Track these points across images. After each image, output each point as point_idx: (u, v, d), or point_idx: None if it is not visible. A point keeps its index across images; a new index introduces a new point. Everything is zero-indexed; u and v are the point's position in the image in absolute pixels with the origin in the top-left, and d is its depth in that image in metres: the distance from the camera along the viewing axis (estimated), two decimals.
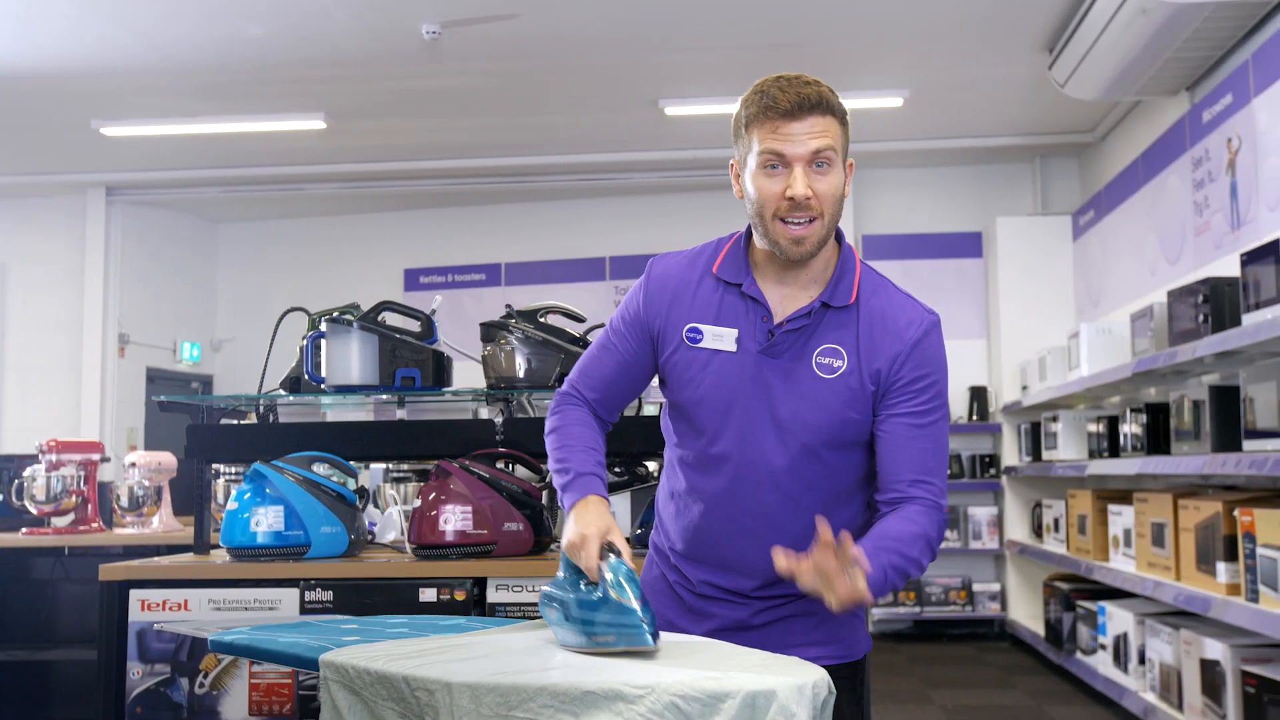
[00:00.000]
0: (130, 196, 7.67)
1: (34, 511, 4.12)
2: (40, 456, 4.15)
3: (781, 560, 1.42)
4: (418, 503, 2.65)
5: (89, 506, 4.21)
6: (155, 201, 7.86)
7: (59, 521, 4.18)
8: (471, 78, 5.71)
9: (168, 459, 4.30)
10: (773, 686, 1.27)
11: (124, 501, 4.20)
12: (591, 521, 1.53)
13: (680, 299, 1.63)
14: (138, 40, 5.14)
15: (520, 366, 2.74)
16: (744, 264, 1.62)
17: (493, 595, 2.54)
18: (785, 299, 1.60)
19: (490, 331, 2.74)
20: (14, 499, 4.14)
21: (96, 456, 4.28)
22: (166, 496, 4.30)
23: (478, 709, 1.38)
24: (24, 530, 4.15)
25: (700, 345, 1.61)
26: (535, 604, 2.51)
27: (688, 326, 1.62)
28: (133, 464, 4.28)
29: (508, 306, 2.75)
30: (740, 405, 1.59)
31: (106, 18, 4.90)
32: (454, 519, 2.61)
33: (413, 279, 7.95)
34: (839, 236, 1.64)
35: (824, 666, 1.42)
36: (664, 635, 1.61)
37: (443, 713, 1.41)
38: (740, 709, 1.26)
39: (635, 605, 1.45)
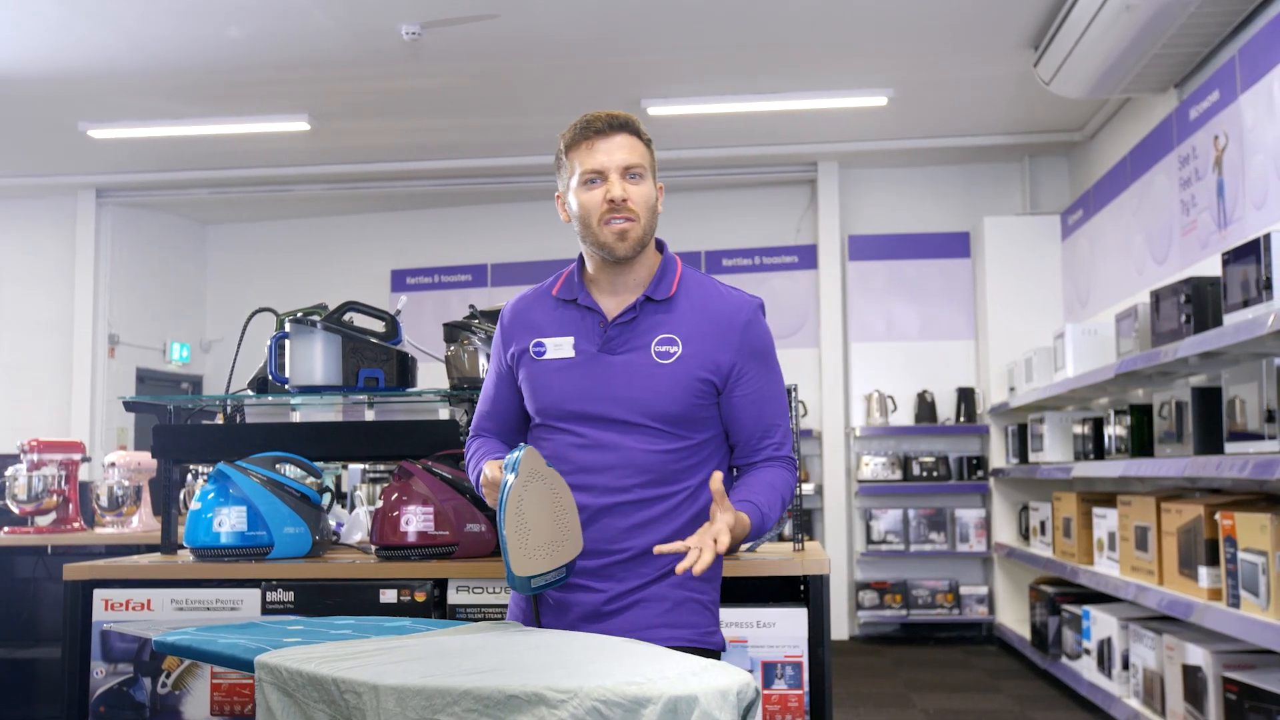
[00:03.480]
0: (120, 198, 7.68)
1: (16, 511, 4.12)
2: (22, 456, 4.15)
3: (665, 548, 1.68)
4: (379, 503, 2.64)
5: (70, 506, 4.20)
6: (144, 203, 7.87)
7: (41, 521, 4.17)
8: (453, 78, 5.70)
9: (147, 459, 4.29)
10: (695, 692, 1.27)
11: (103, 501, 4.20)
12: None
13: (527, 325, 1.89)
14: (120, 41, 5.14)
15: (483, 367, 2.72)
16: (578, 282, 1.87)
17: (453, 597, 2.53)
18: (617, 304, 1.85)
19: (453, 332, 2.73)
20: None
21: (77, 456, 4.28)
22: (146, 496, 4.29)
23: (403, 711, 1.39)
24: (6, 529, 4.14)
25: (545, 357, 1.86)
26: (497, 605, 2.50)
27: (533, 342, 1.87)
28: (112, 464, 4.27)
29: (471, 307, 2.75)
30: (589, 399, 1.81)
31: (88, 19, 4.89)
32: (415, 520, 2.60)
33: (399, 280, 7.95)
34: (661, 246, 1.89)
35: (677, 648, 1.69)
36: (596, 636, 1.65)
37: (369, 715, 1.42)
38: (662, 714, 1.26)
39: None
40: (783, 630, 2.44)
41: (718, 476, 1.67)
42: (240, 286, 8.15)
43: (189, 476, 3.83)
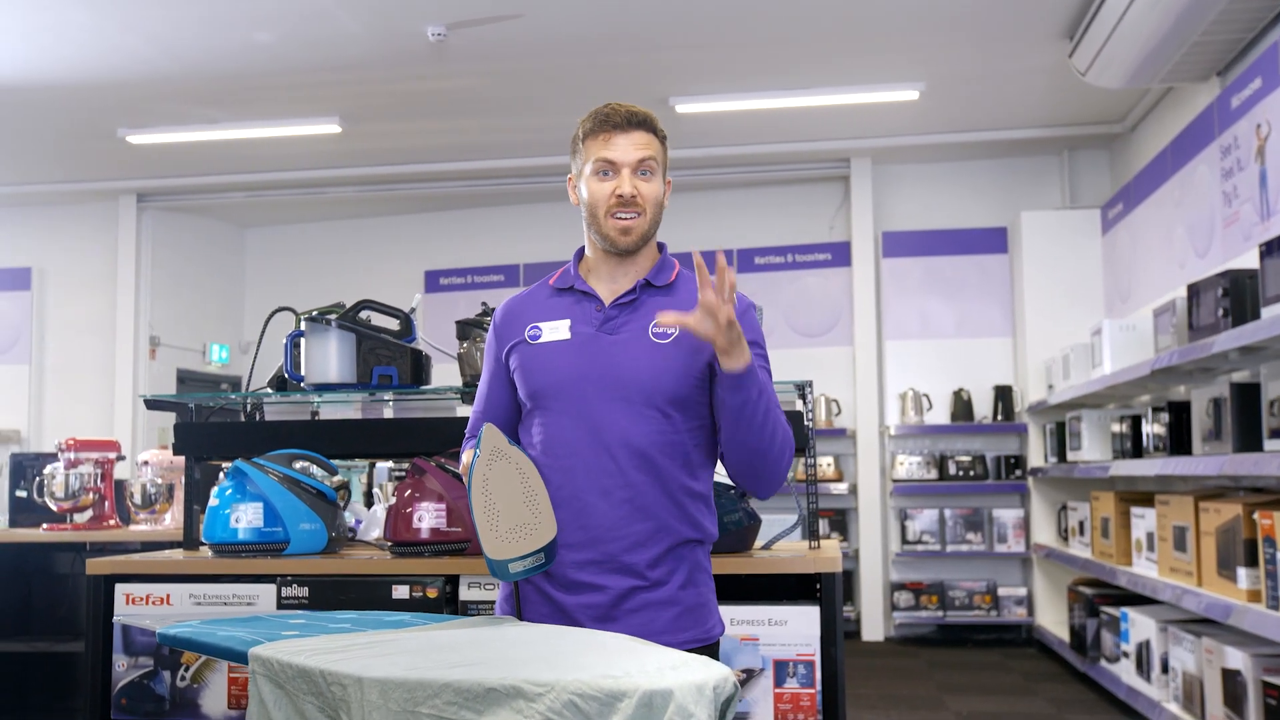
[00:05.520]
0: (160, 203, 7.83)
1: (54, 508, 4.20)
2: (59, 454, 4.23)
3: (670, 316, 1.71)
4: (393, 500, 2.65)
5: (106, 503, 4.28)
6: (184, 207, 8.00)
7: (78, 518, 4.25)
8: (480, 79, 5.72)
9: (180, 457, 4.35)
10: (670, 686, 1.26)
11: (137, 499, 4.27)
12: None
13: (521, 317, 1.91)
14: (153, 48, 5.22)
15: None
16: (575, 272, 1.91)
17: (465, 593, 2.53)
18: (613, 291, 1.88)
19: (465, 329, 2.73)
20: (36, 496, 4.23)
21: (113, 455, 4.35)
22: (179, 494, 4.35)
23: (386, 704, 1.39)
24: (44, 526, 4.22)
25: (541, 340, 1.87)
26: None
27: (529, 328, 1.89)
28: (145, 462, 4.34)
29: (483, 304, 2.75)
30: (583, 379, 1.81)
31: (121, 27, 4.98)
32: (428, 516, 2.60)
33: (433, 280, 8.00)
34: (661, 247, 1.94)
35: (685, 649, 1.71)
36: (587, 631, 1.64)
37: (354, 707, 1.42)
38: (637, 708, 1.25)
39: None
40: (795, 628, 2.41)
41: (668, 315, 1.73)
42: (278, 288, 8.25)
43: (220, 474, 3.87)
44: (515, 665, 1.39)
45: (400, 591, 2.53)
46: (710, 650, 1.85)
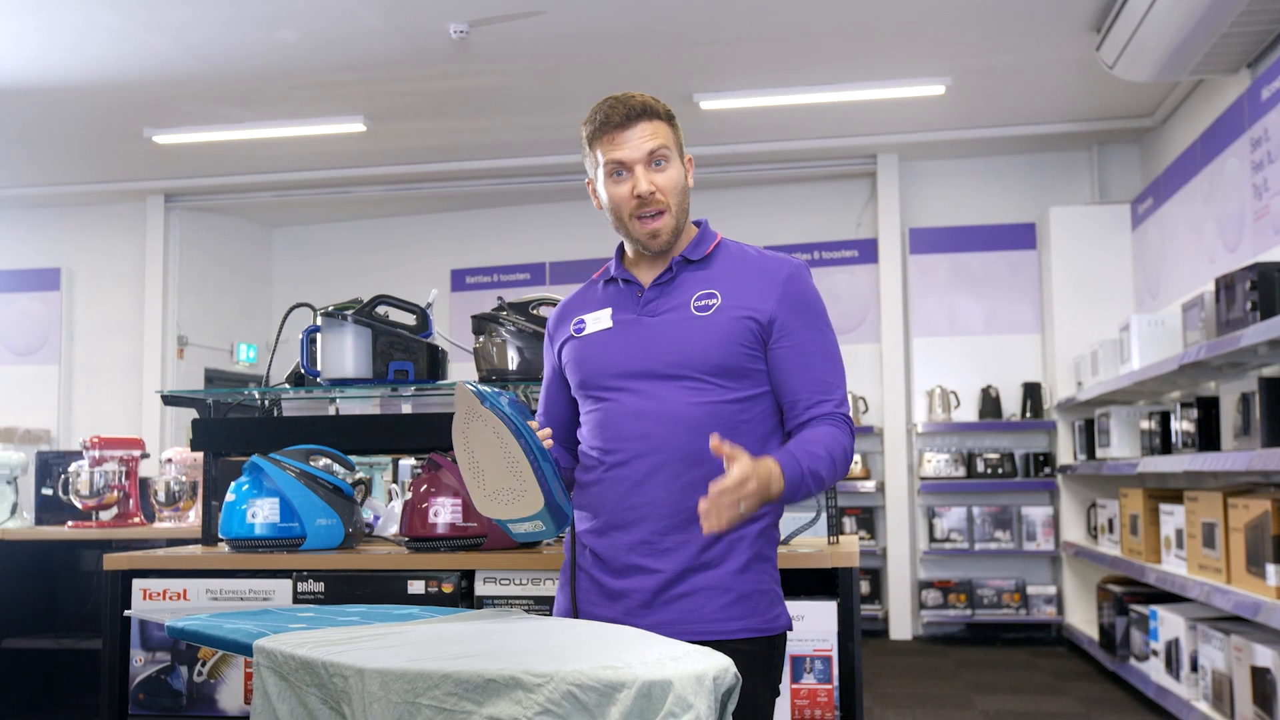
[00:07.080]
0: (188, 203, 7.89)
1: (79, 506, 4.24)
2: (84, 453, 4.27)
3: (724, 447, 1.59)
4: (408, 495, 2.65)
5: (130, 501, 4.32)
6: (212, 207, 8.07)
7: (104, 515, 4.29)
8: (503, 76, 5.72)
9: (203, 455, 4.38)
10: (669, 676, 1.25)
11: (161, 496, 4.30)
12: None
13: (569, 315, 1.91)
14: (177, 48, 5.27)
15: (512, 359, 2.72)
16: (618, 262, 1.88)
17: (480, 588, 2.52)
18: (654, 275, 1.84)
19: (481, 324, 2.73)
20: (61, 494, 4.27)
21: (137, 453, 4.39)
22: (201, 491, 4.38)
23: (386, 695, 1.39)
24: (70, 524, 4.27)
25: (585, 332, 1.85)
26: (524, 597, 2.49)
27: (575, 321, 1.88)
28: (168, 460, 4.38)
29: (499, 299, 2.74)
30: (627, 362, 1.78)
31: (144, 26, 5.02)
32: (444, 511, 2.60)
33: (459, 279, 8.02)
34: (699, 223, 1.89)
35: (741, 640, 1.67)
36: (592, 623, 1.63)
37: (355, 698, 1.42)
38: (636, 699, 1.24)
39: None
40: (812, 624, 2.38)
41: (715, 436, 1.60)
42: (305, 288, 8.28)
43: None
44: (515, 656, 1.38)
45: (416, 587, 2.52)
46: (772, 643, 1.75)
